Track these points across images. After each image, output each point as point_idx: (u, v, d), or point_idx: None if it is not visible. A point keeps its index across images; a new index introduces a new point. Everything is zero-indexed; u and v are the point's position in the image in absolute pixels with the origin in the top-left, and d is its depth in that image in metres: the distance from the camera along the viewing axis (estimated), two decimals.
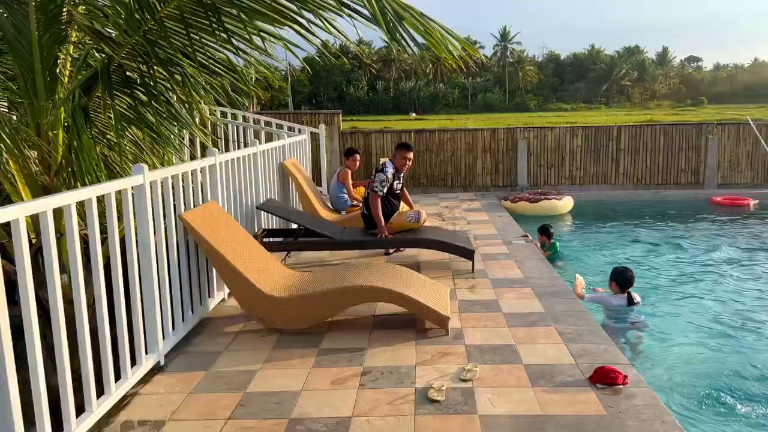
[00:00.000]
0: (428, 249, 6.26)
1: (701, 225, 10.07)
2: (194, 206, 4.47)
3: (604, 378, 3.39)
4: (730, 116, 33.40)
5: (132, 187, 3.43)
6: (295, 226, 6.71)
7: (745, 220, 10.33)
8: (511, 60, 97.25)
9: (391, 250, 6.71)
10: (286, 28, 3.49)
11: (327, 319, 4.42)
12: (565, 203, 11.00)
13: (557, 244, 8.11)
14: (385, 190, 6.05)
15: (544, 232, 8.10)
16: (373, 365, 3.73)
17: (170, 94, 4.12)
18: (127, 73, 3.94)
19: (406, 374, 3.58)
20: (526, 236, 7.60)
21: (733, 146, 12.69)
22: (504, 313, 4.63)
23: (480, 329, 4.30)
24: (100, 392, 3.07)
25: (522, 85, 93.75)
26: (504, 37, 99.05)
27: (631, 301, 5.73)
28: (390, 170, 6.15)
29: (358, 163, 8.63)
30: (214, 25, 3.43)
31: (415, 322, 4.42)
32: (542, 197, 10.84)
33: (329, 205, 8.49)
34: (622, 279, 5.81)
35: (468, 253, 5.87)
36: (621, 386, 3.34)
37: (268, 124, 10.36)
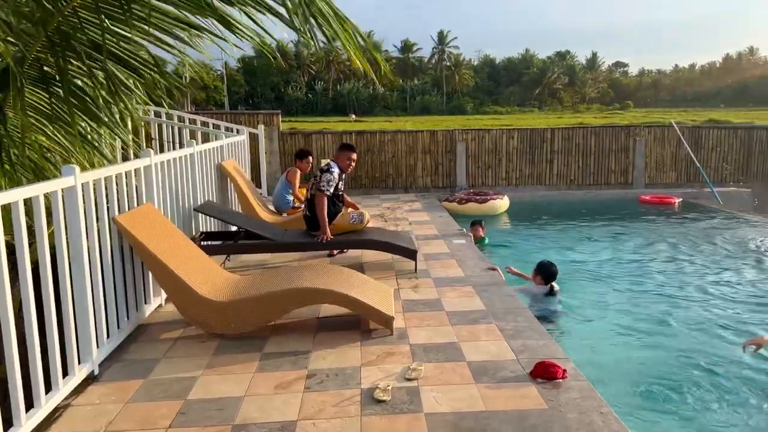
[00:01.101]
0: (371, 250, 6.28)
1: (630, 222, 10.52)
2: (129, 209, 4.31)
3: (544, 372, 3.49)
4: (655, 119, 35.10)
5: (62, 189, 3.27)
6: (234, 228, 6.58)
7: (672, 218, 10.87)
8: (448, 63, 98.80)
9: (334, 252, 6.68)
10: (216, 25, 3.36)
11: (269, 322, 4.35)
12: (505, 202, 11.33)
13: (486, 238, 8.63)
14: (332, 189, 6.02)
15: (480, 225, 8.61)
16: (318, 368, 3.69)
17: (94, 91, 3.91)
18: (45, 68, 3.73)
19: (351, 375, 3.57)
20: (461, 230, 8.11)
21: (658, 148, 13.34)
22: (447, 312, 4.69)
23: (424, 328, 4.34)
24: (29, 405, 2.91)
25: (459, 88, 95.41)
26: (441, 40, 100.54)
27: (551, 291, 6.12)
28: (336, 170, 6.12)
29: (311, 165, 8.52)
30: (133, 18, 3.24)
31: (360, 323, 4.42)
32: (489, 197, 11.09)
33: (269, 206, 8.37)
34: (546, 273, 6.19)
35: (411, 254, 5.91)
36: (560, 380, 3.44)
37: (204, 124, 10.12)
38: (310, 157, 8.46)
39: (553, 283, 6.19)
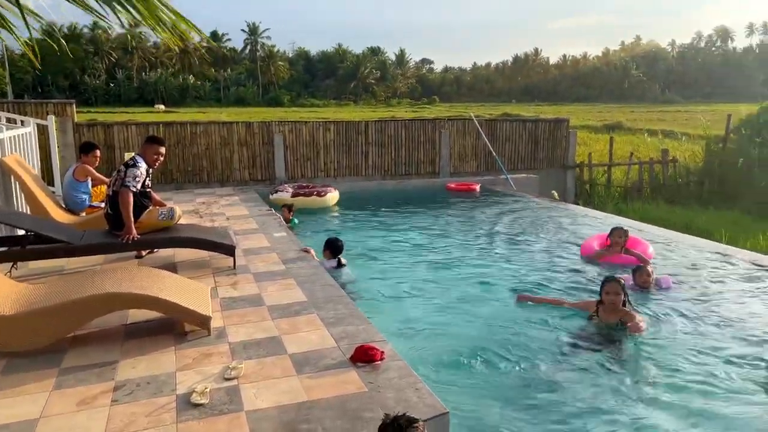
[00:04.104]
0: (185, 248, 5.96)
1: (437, 208, 11.25)
2: None
3: (364, 356, 3.60)
4: (457, 113, 38.00)
5: None
6: (22, 231, 5.81)
7: (473, 202, 11.84)
8: (262, 54, 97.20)
9: (143, 252, 6.22)
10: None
11: (68, 334, 3.92)
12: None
13: (295, 219, 9.17)
14: (138, 186, 5.56)
15: (289, 208, 9.26)
16: (126, 378, 3.42)
17: None
18: None
19: (165, 382, 3.36)
20: (270, 210, 8.67)
21: (461, 140, 14.45)
22: (267, 306, 4.63)
23: (244, 325, 4.24)
24: None
25: (274, 80, 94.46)
26: (253, 31, 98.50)
27: (339, 264, 6.55)
28: (143, 165, 5.67)
29: (97, 159, 7.77)
30: None
31: (174, 326, 4.18)
32: (328, 190, 11.10)
33: (64, 205, 7.52)
34: (333, 247, 6.60)
35: (228, 249, 5.72)
36: (379, 362, 3.58)
37: None
38: (97, 151, 7.74)
39: (341, 257, 6.61)
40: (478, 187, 12.98)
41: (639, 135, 28.43)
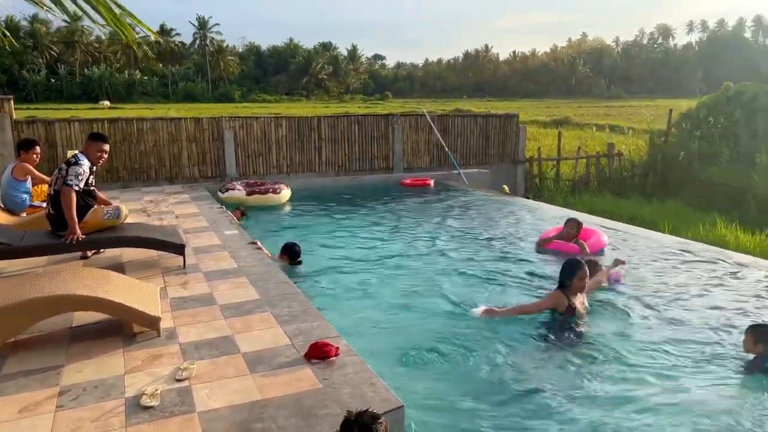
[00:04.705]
0: (132, 247, 5.80)
1: (392, 203, 11.28)
2: None
3: (318, 353, 3.59)
4: (410, 109, 38.15)
5: None
6: None
7: (428, 198, 11.92)
8: (211, 49, 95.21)
9: (88, 253, 6.02)
10: None
11: (9, 339, 3.76)
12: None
13: (243, 219, 9.17)
14: (81, 184, 5.37)
15: (242, 212, 9.29)
16: (72, 382, 3.31)
17: None
18: None
19: (113, 385, 3.27)
20: (221, 208, 8.71)
21: (414, 135, 14.52)
22: (219, 305, 4.55)
23: (195, 325, 4.16)
24: None
25: (224, 76, 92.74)
26: (202, 25, 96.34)
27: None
28: (86, 163, 5.48)
29: (38, 157, 7.47)
30: None
31: (122, 328, 4.06)
32: (281, 187, 10.91)
33: (3, 205, 7.20)
34: (291, 252, 6.68)
35: (178, 248, 5.60)
36: (334, 358, 3.57)
37: None
38: (37, 147, 7.45)
39: (299, 260, 6.68)
40: (432, 183, 13.07)
41: (587, 129, 29.21)
